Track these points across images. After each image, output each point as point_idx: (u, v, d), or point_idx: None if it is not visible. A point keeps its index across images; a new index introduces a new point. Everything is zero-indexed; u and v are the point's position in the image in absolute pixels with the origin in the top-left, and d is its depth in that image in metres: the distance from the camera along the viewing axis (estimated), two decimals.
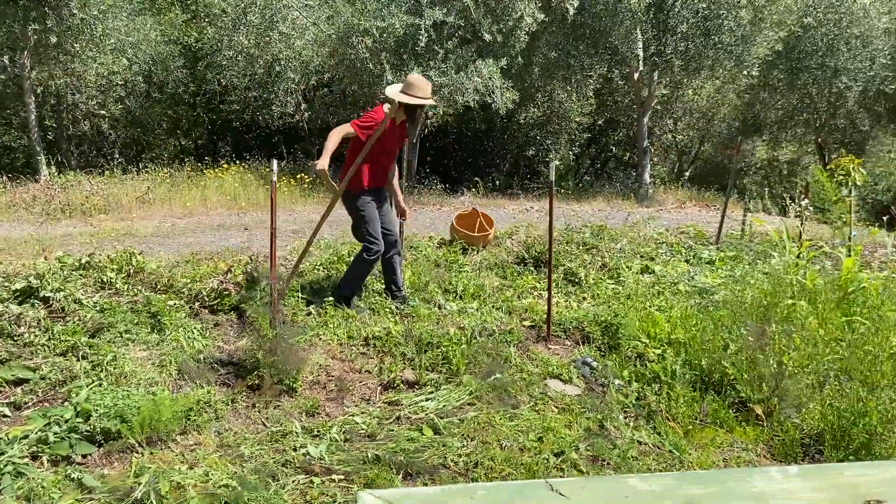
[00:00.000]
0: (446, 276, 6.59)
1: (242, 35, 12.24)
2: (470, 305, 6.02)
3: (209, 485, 3.29)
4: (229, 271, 5.77)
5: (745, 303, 5.45)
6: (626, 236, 8.26)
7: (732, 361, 4.46)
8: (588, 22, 13.87)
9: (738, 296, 5.61)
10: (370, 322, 5.44)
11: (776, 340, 4.51)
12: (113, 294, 5.54)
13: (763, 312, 5.31)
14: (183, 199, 10.05)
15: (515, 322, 5.73)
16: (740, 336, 4.78)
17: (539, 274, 7.03)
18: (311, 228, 8.84)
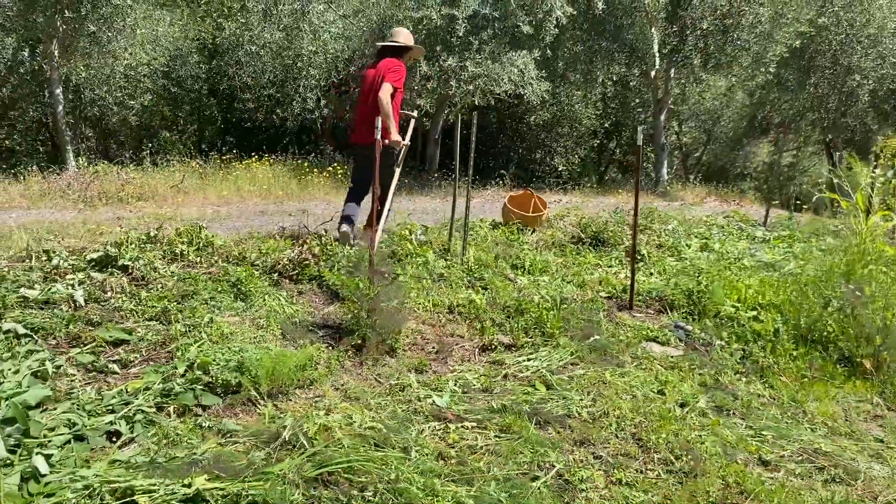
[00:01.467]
0: (511, 252, 6.56)
1: (273, 27, 12.17)
2: (541, 279, 5.99)
3: (354, 427, 3.22)
4: (304, 243, 5.70)
5: (826, 269, 5.45)
6: (676, 219, 8.26)
7: (834, 319, 4.44)
8: (609, 18, 13.98)
9: (818, 264, 5.62)
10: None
11: (877, 298, 4.50)
12: (186, 266, 5.45)
13: (846, 278, 5.32)
14: (216, 189, 9.97)
15: (591, 293, 5.71)
16: (834, 297, 4.77)
17: (599, 252, 7.01)
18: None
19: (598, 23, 14.06)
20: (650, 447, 3.34)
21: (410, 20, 10.88)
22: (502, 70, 10.71)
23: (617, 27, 14.47)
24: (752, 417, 3.73)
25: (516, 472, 3.05)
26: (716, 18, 13.88)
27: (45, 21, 10.58)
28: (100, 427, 3.17)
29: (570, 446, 3.35)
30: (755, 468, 3.25)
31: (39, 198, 9.10)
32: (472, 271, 6.07)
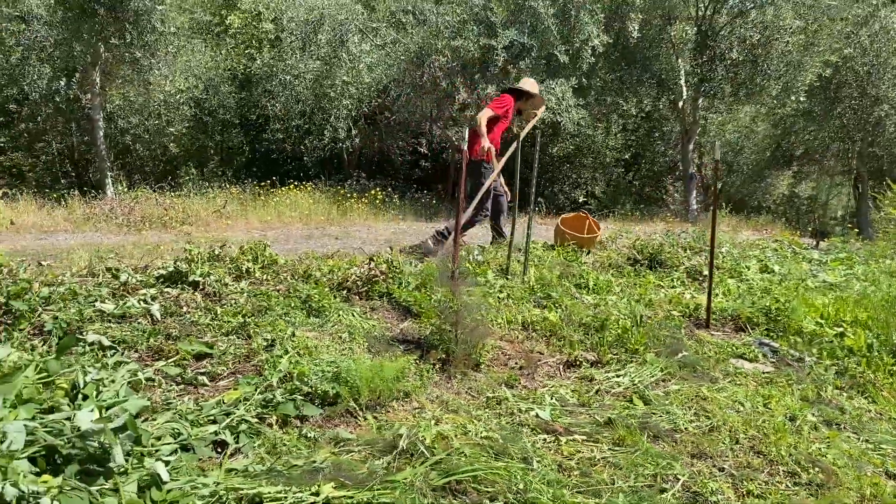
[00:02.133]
0: (572, 272, 6.46)
1: (310, 57, 12.28)
2: (608, 298, 5.88)
3: (470, 436, 3.11)
4: (371, 260, 5.62)
5: None
6: (728, 243, 8.17)
7: None
8: (639, 48, 14.07)
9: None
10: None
11: None
12: (254, 283, 5.38)
13: None
14: (258, 214, 9.96)
15: (663, 312, 5.60)
16: None
17: (657, 273, 6.91)
18: (397, 238, 8.75)
19: (629, 53, 14.16)
20: (773, 459, 3.21)
21: (449, 49, 10.97)
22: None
23: (646, 57, 14.56)
24: (865, 432, 3.59)
25: (641, 485, 2.93)
26: (745, 48, 13.96)
27: (84, 49, 10.68)
28: (205, 437, 3.08)
29: (688, 459, 3.22)
30: (887, 481, 3.11)
31: (83, 222, 9.10)
32: (534, 290, 5.98)
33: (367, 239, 8.57)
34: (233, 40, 16.17)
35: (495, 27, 10.85)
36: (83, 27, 10.22)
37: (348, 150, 15.57)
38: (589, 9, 11.44)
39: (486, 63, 11.14)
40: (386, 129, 15.49)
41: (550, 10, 10.83)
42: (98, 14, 10.18)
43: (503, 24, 10.84)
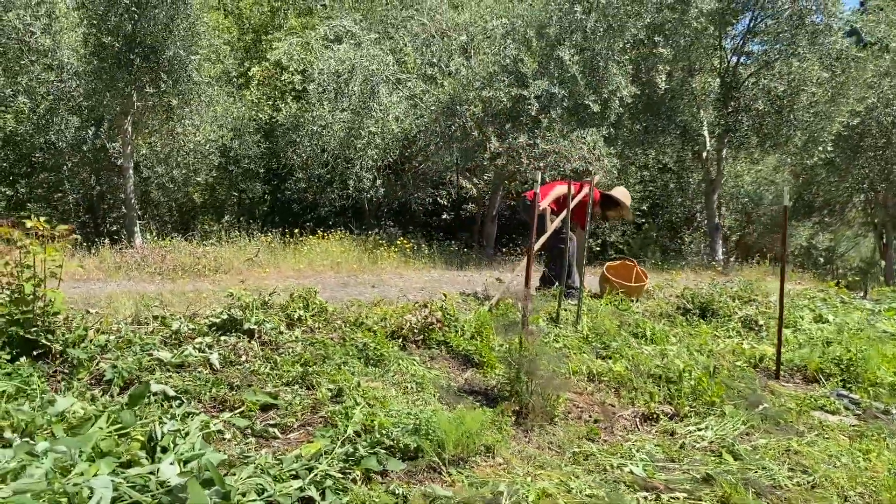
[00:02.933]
0: (625, 321, 6.32)
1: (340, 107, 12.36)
2: (668, 348, 5.71)
3: (574, 494, 2.93)
4: (424, 307, 5.49)
5: None
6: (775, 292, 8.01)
7: None
8: (663, 99, 14.17)
9: None
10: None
11: None
12: (307, 330, 5.25)
13: None
14: (289, 262, 9.86)
15: (727, 363, 5.43)
16: None
17: (711, 323, 6.75)
18: (432, 286, 8.62)
19: (653, 104, 14.24)
20: None
21: (479, 99, 11.04)
22: (572, 147, 10.75)
23: (670, 108, 14.64)
24: None
25: None
26: (770, 99, 14.02)
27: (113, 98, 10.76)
28: (290, 493, 2.93)
29: None
30: None
31: (115, 270, 9.00)
32: (590, 339, 5.83)
33: (404, 287, 8.45)
34: (257, 91, 16.36)
35: (526, 77, 10.93)
36: (118, 76, 10.32)
37: (370, 200, 15.58)
38: (617, 60, 11.53)
39: (517, 113, 11.19)
40: (409, 180, 15.53)
41: (576, 58, 10.91)
42: (133, 64, 10.30)
43: (533, 74, 10.91)
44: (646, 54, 12.27)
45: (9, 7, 10.00)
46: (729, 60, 15.18)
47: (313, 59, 12.47)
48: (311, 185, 15.68)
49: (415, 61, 13.08)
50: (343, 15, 13.23)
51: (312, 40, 12.52)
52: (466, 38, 12.78)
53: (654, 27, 12.36)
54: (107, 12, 10.27)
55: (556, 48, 10.99)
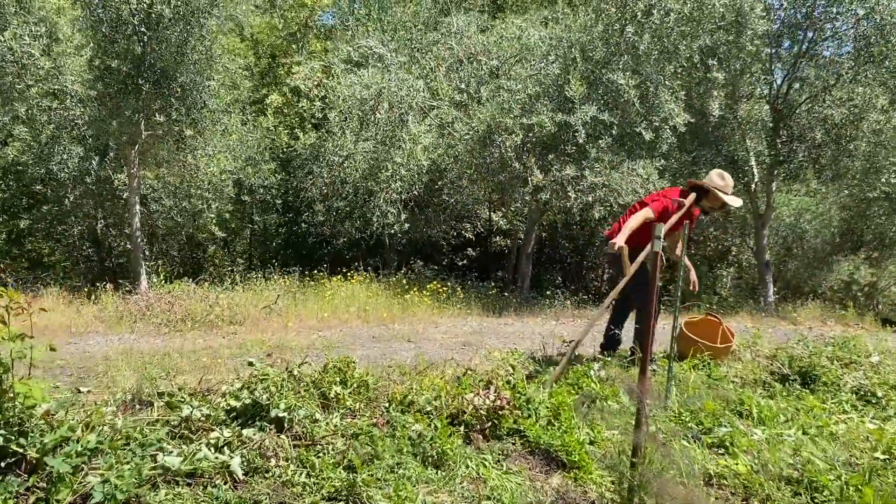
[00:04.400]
0: (725, 395, 5.34)
1: (365, 137, 11.55)
2: (784, 433, 4.73)
3: None
4: (489, 385, 4.56)
5: None
6: (876, 349, 7.03)
7: None
8: (709, 127, 13.31)
9: None
10: None
11: None
12: (346, 414, 4.34)
13: None
14: (312, 310, 8.96)
15: (864, 454, 4.45)
16: None
17: (816, 393, 5.76)
18: (476, 340, 7.70)
19: (702, 132, 13.37)
20: None
21: (521, 127, 10.18)
22: (623, 180, 9.86)
23: (718, 137, 13.78)
24: None
25: None
26: (827, 128, 13.14)
27: (120, 126, 9.98)
28: None
29: None
30: None
31: (117, 321, 8.13)
32: (683, 419, 4.88)
33: (444, 341, 7.53)
34: (273, 118, 15.63)
35: (572, 102, 10.07)
36: (124, 103, 9.54)
37: (392, 235, 14.75)
38: (668, 85, 10.69)
39: (561, 142, 10.33)
40: (432, 213, 14.68)
41: (632, 82, 10.05)
42: (142, 89, 9.52)
43: (581, 99, 10.05)
44: (699, 79, 11.41)
45: (4, 25, 9.27)
46: (779, 87, 14.31)
47: (336, 84, 11.67)
48: (328, 217, 14.88)
49: (445, 87, 12.27)
50: (368, 36, 12.46)
51: (335, 63, 11.72)
52: (498, 63, 11.98)
53: (708, 50, 11.52)
54: (114, 33, 9.53)
55: (605, 71, 10.14)
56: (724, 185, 5.81)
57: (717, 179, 5.83)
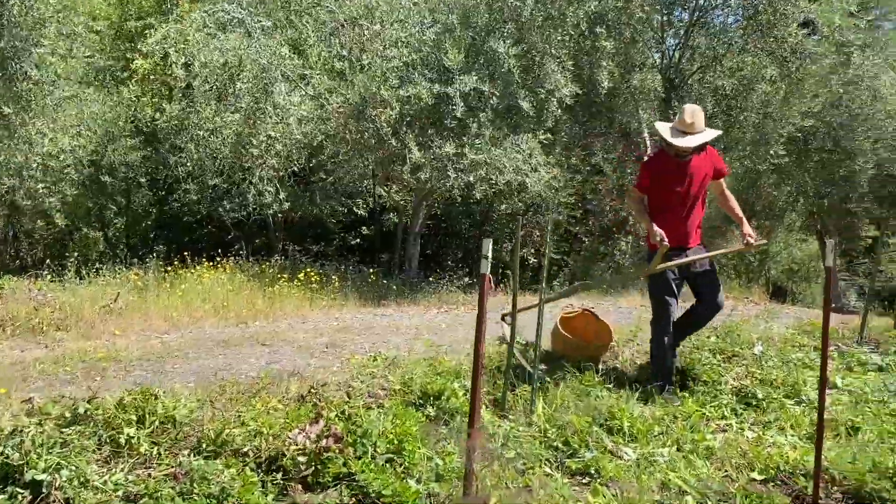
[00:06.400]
0: (598, 403, 4.87)
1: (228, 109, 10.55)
2: (656, 451, 4.29)
3: None
4: (318, 417, 3.88)
5: None
6: (762, 339, 6.77)
7: None
8: (602, 99, 12.95)
9: None
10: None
11: None
12: (137, 464, 3.59)
13: None
14: (160, 307, 8.03)
15: (738, 475, 4.05)
16: None
17: (694, 395, 5.39)
18: (343, 339, 7.04)
19: (592, 103, 13.01)
20: None
21: (397, 99, 9.45)
22: (505, 156, 9.31)
23: (609, 108, 13.47)
24: None
25: None
26: (718, 99, 13.02)
27: None
28: None
29: None
30: None
31: None
32: (549, 437, 4.38)
33: (306, 343, 6.82)
34: (138, 88, 14.26)
35: (450, 72, 9.40)
36: None
37: (275, 215, 13.82)
38: (555, 55, 10.18)
39: (441, 115, 9.67)
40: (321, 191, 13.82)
41: (512, 51, 9.46)
42: None
43: (459, 68, 9.39)
44: (587, 48, 10.94)
45: None
46: (671, 56, 14.12)
47: (196, 51, 10.57)
48: (202, 196, 13.80)
49: (320, 54, 11.36)
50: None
51: (192, 29, 10.60)
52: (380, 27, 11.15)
53: (596, 17, 11.04)
54: None
55: (487, 39, 9.50)
56: (676, 121, 5.16)
57: (680, 116, 5.15)
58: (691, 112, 5.09)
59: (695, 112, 5.10)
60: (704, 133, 5.13)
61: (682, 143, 5.06)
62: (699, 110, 5.15)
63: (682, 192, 5.28)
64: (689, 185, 5.28)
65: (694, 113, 5.08)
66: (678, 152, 5.18)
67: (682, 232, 5.37)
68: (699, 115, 5.11)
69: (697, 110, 5.13)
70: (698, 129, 5.08)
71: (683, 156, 5.20)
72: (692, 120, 5.05)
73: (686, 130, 5.06)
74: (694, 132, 5.06)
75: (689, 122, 5.05)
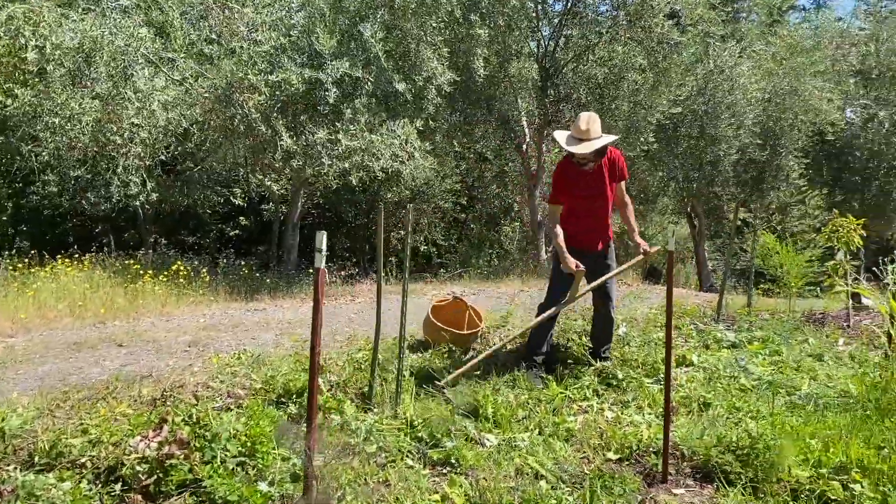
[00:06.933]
0: (462, 392, 4.88)
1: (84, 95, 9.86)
2: (518, 436, 4.34)
3: None
4: (163, 423, 3.67)
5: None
6: (626, 320, 7.00)
7: None
8: (481, 87, 13.04)
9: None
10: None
11: None
12: None
13: None
14: (8, 308, 7.43)
15: (595, 455, 4.16)
16: None
17: (559, 376, 5.51)
18: (209, 337, 6.78)
19: (472, 92, 13.07)
20: None
21: (266, 84, 9.13)
22: (382, 143, 9.19)
23: (488, 97, 13.57)
24: None
25: None
26: (590, 88, 13.38)
27: None
28: None
29: None
30: None
31: None
32: (415, 428, 4.35)
33: (167, 342, 6.49)
34: None
35: (322, 56, 9.17)
36: None
37: (143, 206, 13.13)
38: (430, 42, 10.13)
39: (314, 101, 9.42)
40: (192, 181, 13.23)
41: (380, 35, 9.33)
42: None
43: (332, 53, 9.18)
44: (462, 35, 10.95)
45: None
46: (547, 45, 14.38)
47: (48, 33, 9.83)
48: (63, 188, 12.96)
49: (186, 37, 10.83)
50: None
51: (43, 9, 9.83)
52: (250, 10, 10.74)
53: (470, 4, 11.07)
54: None
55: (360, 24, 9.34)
56: (573, 128, 5.20)
57: (575, 123, 5.20)
58: (587, 119, 5.16)
59: (590, 119, 5.17)
60: (601, 139, 5.21)
61: (578, 149, 5.13)
62: (595, 117, 5.23)
63: (589, 197, 5.41)
64: (594, 191, 5.40)
65: (589, 119, 5.16)
66: (578, 160, 5.27)
67: (594, 233, 5.53)
68: (595, 121, 5.19)
69: (593, 117, 5.21)
70: (594, 136, 5.15)
71: (583, 163, 5.29)
72: (587, 126, 5.13)
73: (581, 137, 5.13)
74: (590, 138, 5.13)
75: (584, 128, 5.13)
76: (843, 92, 18.18)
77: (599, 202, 5.41)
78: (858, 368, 5.57)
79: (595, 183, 5.34)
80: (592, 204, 5.39)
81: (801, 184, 18.80)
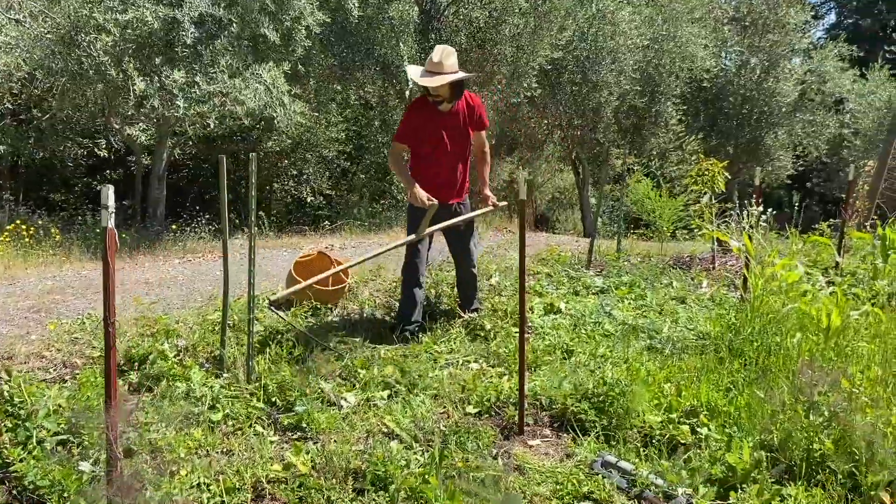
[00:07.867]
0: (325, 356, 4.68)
1: None
2: (378, 395, 4.21)
3: None
4: None
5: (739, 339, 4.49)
6: (499, 269, 6.97)
7: (828, 435, 3.29)
8: (359, 29, 12.54)
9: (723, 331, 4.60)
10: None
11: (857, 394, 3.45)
12: None
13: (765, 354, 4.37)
14: None
15: (454, 409, 4.08)
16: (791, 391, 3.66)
17: (433, 331, 5.40)
18: (55, 302, 6.30)
19: (349, 34, 12.56)
20: None
21: (116, 24, 8.38)
22: (245, 87, 8.67)
23: (367, 40, 13.11)
24: None
25: None
26: (472, 32, 13.14)
27: None
28: None
29: None
30: None
31: None
32: (268, 393, 4.14)
33: (6, 308, 5.94)
34: None
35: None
36: None
37: None
38: None
39: (170, 42, 8.75)
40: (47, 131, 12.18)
41: None
42: None
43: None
44: None
45: None
46: None
47: None
48: None
49: None
50: None
51: None
52: None
53: None
54: None
55: None
56: (427, 63, 4.94)
57: (429, 57, 4.93)
58: (440, 51, 4.90)
59: (444, 51, 4.90)
60: (457, 74, 4.95)
61: (431, 82, 4.86)
62: (450, 50, 4.95)
63: (443, 142, 5.12)
64: (450, 136, 5.12)
65: (443, 53, 4.89)
66: (434, 99, 5.01)
67: (445, 186, 5.22)
68: (450, 55, 4.92)
69: (448, 50, 4.94)
70: (448, 70, 4.88)
71: (439, 100, 5.02)
72: (439, 59, 4.86)
73: (433, 70, 4.86)
74: (443, 72, 4.86)
75: (437, 61, 4.86)
76: (719, 39, 18.78)
77: (455, 150, 5.19)
78: (716, 311, 5.74)
79: (450, 129, 5.14)
80: (446, 152, 5.15)
81: (679, 130, 19.35)
